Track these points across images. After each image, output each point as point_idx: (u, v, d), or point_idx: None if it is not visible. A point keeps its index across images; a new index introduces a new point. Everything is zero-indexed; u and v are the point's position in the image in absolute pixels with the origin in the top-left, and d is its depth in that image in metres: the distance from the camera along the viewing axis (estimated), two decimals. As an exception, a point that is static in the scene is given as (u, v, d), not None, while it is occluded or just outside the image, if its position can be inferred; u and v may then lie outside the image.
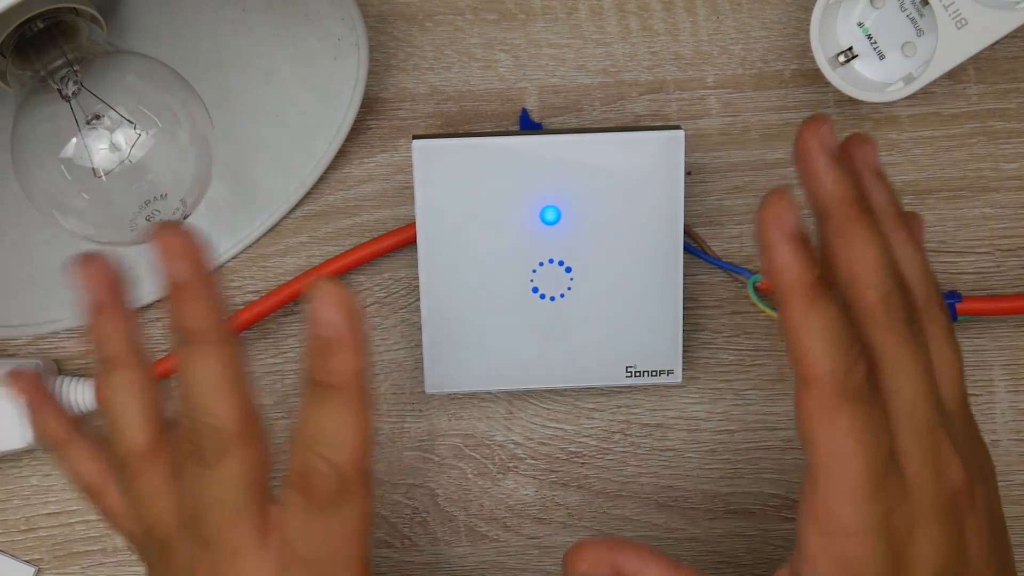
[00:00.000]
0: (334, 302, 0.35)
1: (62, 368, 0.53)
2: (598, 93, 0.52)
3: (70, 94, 0.45)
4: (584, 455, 0.54)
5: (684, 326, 0.50)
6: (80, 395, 0.51)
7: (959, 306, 0.51)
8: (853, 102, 0.51)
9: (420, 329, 0.50)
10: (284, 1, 0.47)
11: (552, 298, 0.49)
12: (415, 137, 0.48)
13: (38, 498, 0.54)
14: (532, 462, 0.54)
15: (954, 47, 0.46)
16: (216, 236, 0.52)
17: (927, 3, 0.47)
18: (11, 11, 0.41)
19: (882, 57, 0.48)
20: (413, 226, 0.49)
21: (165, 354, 0.52)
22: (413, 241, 0.50)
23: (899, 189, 0.52)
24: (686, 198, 0.48)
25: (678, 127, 0.48)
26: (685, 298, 0.50)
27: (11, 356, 0.52)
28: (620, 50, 0.51)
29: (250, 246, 0.52)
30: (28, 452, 0.53)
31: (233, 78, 0.49)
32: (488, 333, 0.50)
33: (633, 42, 0.51)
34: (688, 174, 0.52)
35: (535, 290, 0.49)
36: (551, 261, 0.49)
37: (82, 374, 0.53)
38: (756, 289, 0.51)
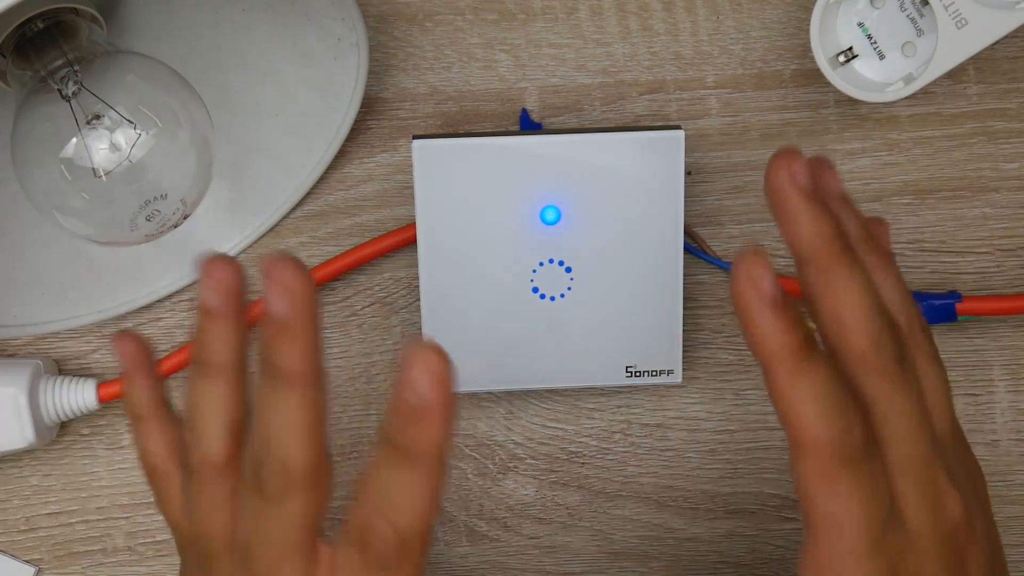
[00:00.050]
0: (430, 370, 0.34)
1: (62, 368, 0.53)
2: (598, 93, 0.52)
3: (70, 94, 0.45)
4: (584, 455, 0.54)
5: (684, 326, 0.50)
6: (80, 395, 0.51)
7: (959, 306, 0.51)
8: (853, 102, 0.51)
9: (420, 329, 0.50)
10: (284, 1, 0.47)
11: (552, 298, 0.49)
12: (415, 137, 0.48)
13: (38, 498, 0.54)
14: (532, 462, 0.54)
15: (954, 47, 0.46)
16: (216, 236, 0.52)
17: (927, 3, 0.47)
18: (11, 11, 0.41)
19: (882, 57, 0.48)
20: (413, 226, 0.49)
21: (164, 354, 0.52)
22: (413, 241, 0.50)
23: (899, 189, 0.52)
24: (686, 198, 0.48)
25: (678, 127, 0.48)
26: (685, 298, 0.50)
27: (11, 356, 0.52)
28: (620, 50, 0.51)
29: (250, 246, 0.52)
30: (28, 452, 0.53)
31: (233, 78, 0.49)
32: (488, 333, 0.50)
33: (633, 42, 0.51)
34: (688, 174, 0.52)
35: (535, 290, 0.49)
36: (551, 261, 0.49)
37: (82, 374, 0.53)
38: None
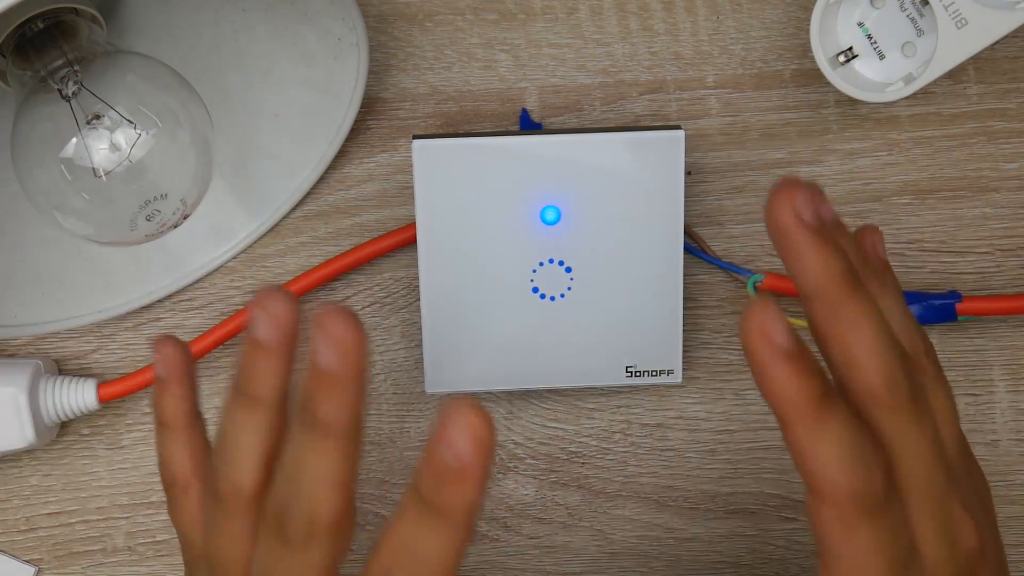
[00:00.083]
0: (472, 431, 0.32)
1: (62, 368, 0.53)
2: (598, 93, 0.52)
3: (70, 94, 0.45)
4: (584, 455, 0.54)
5: (684, 326, 0.50)
6: (80, 395, 0.51)
7: (959, 306, 0.51)
8: (853, 102, 0.51)
9: (420, 329, 0.50)
10: (284, 1, 0.47)
11: (552, 298, 0.49)
12: (415, 137, 0.48)
13: (38, 498, 0.54)
14: (532, 462, 0.54)
15: (954, 47, 0.46)
16: (216, 236, 0.52)
17: (927, 3, 0.47)
18: (11, 11, 0.41)
19: (882, 57, 0.48)
20: (413, 226, 0.49)
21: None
22: (413, 241, 0.50)
23: (899, 189, 0.52)
24: (686, 198, 0.48)
25: (678, 127, 0.48)
26: (685, 298, 0.50)
27: (11, 356, 0.52)
28: (620, 50, 0.51)
29: (250, 246, 0.52)
30: (28, 452, 0.53)
31: (233, 78, 0.49)
32: (488, 333, 0.50)
33: (633, 42, 0.51)
34: (688, 174, 0.52)
35: (535, 290, 0.49)
36: (551, 261, 0.49)
37: (82, 374, 0.53)
38: (756, 289, 0.51)
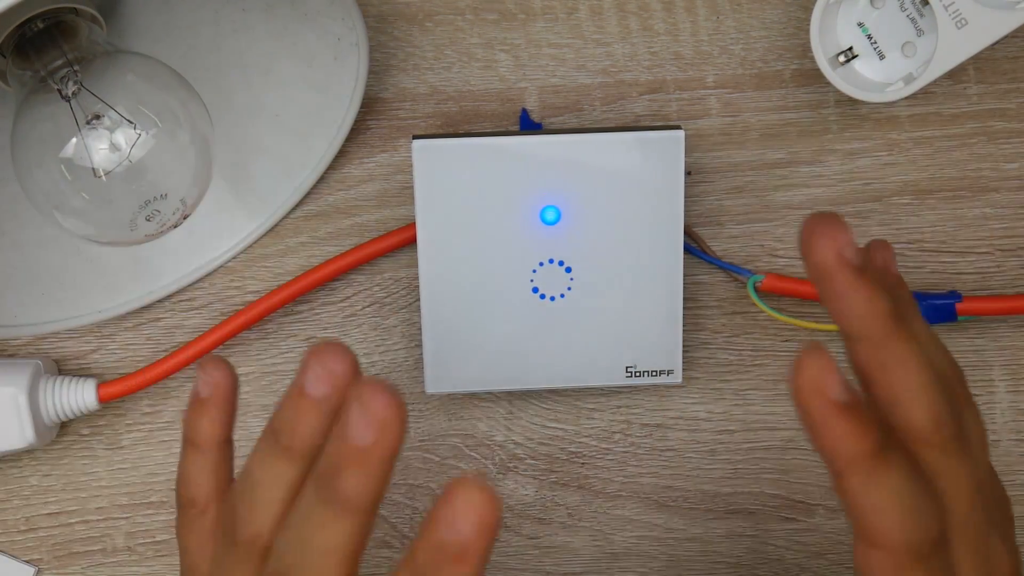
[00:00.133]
0: (477, 512, 0.31)
1: (62, 368, 0.53)
2: (598, 93, 0.52)
3: (70, 94, 0.45)
4: (584, 455, 0.54)
5: (684, 326, 0.50)
6: (80, 395, 0.51)
7: (959, 306, 0.51)
8: (853, 102, 0.51)
9: (420, 329, 0.50)
10: (284, 1, 0.47)
11: (552, 298, 0.49)
12: (415, 137, 0.48)
13: (38, 498, 0.54)
14: (532, 462, 0.54)
15: (954, 47, 0.46)
16: (216, 236, 0.52)
17: (927, 3, 0.47)
18: (11, 11, 0.41)
19: (882, 57, 0.48)
20: (413, 226, 0.49)
21: (164, 354, 0.52)
22: (413, 241, 0.50)
23: (899, 189, 0.52)
24: (686, 198, 0.48)
25: (678, 127, 0.48)
26: (685, 298, 0.50)
27: (11, 356, 0.52)
28: (620, 50, 0.51)
29: (250, 246, 0.52)
30: (28, 452, 0.53)
31: (233, 78, 0.49)
32: (488, 333, 0.50)
33: (633, 42, 0.51)
34: (688, 174, 0.52)
35: (535, 290, 0.49)
36: (551, 261, 0.49)
37: (82, 374, 0.53)
38: (756, 289, 0.51)
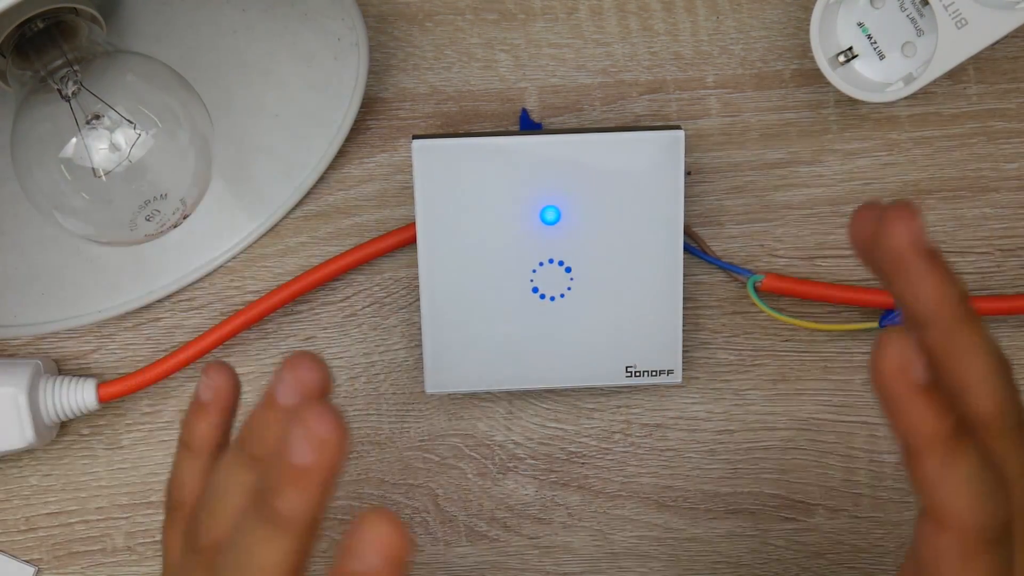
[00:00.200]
0: (383, 544, 0.31)
1: (62, 368, 0.53)
2: (598, 93, 0.52)
3: (70, 94, 0.45)
4: (584, 455, 0.54)
5: (684, 326, 0.50)
6: (80, 395, 0.51)
7: (959, 306, 0.51)
8: (853, 102, 0.51)
9: (420, 329, 0.50)
10: (284, 1, 0.47)
11: (552, 298, 0.49)
12: (415, 137, 0.48)
13: (38, 498, 0.54)
14: (532, 462, 0.54)
15: (954, 47, 0.46)
16: (216, 236, 0.52)
17: (927, 3, 0.47)
18: (11, 11, 0.41)
19: (882, 57, 0.48)
20: (413, 226, 0.49)
21: (163, 354, 0.52)
22: (413, 241, 0.50)
23: (899, 189, 0.52)
24: (686, 198, 0.48)
25: (678, 127, 0.48)
26: (685, 298, 0.50)
27: (11, 356, 0.52)
28: (620, 50, 0.51)
29: (250, 246, 0.52)
30: (28, 452, 0.53)
31: (233, 78, 0.49)
32: (488, 333, 0.50)
33: (633, 42, 0.51)
34: (688, 174, 0.52)
35: (535, 290, 0.49)
36: (551, 261, 0.49)
37: (82, 374, 0.53)
38: (756, 289, 0.51)
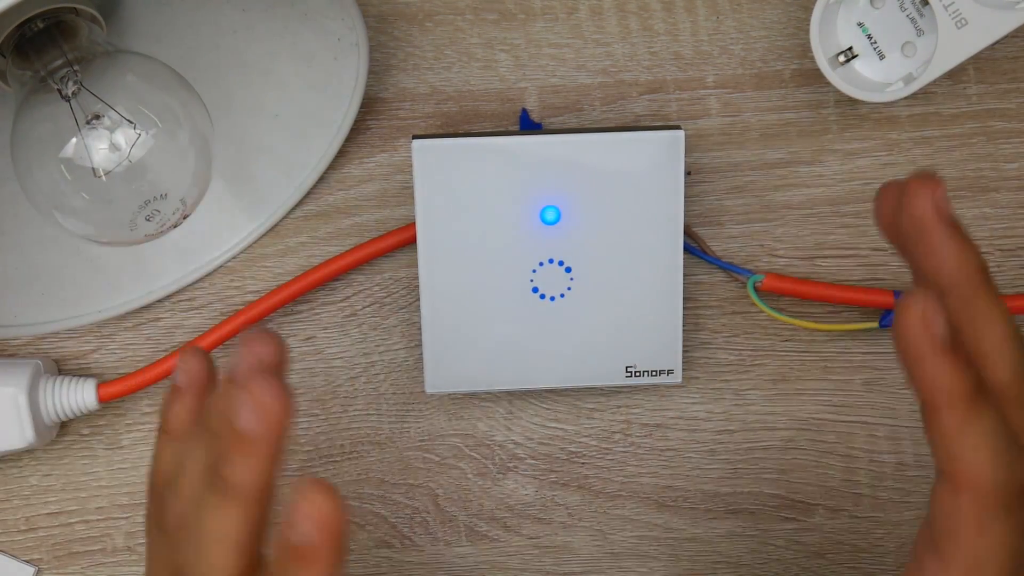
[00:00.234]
0: (317, 515, 0.32)
1: (62, 368, 0.53)
2: (598, 93, 0.52)
3: (70, 94, 0.45)
4: (584, 455, 0.54)
5: (684, 326, 0.50)
6: (80, 395, 0.51)
7: (959, 306, 0.51)
8: (853, 102, 0.51)
9: (420, 329, 0.50)
10: (284, 1, 0.47)
11: (552, 298, 0.49)
12: (415, 137, 0.48)
13: (38, 498, 0.54)
14: (532, 462, 0.54)
15: (954, 47, 0.46)
16: (216, 236, 0.52)
17: (927, 3, 0.47)
18: (11, 11, 0.41)
19: (882, 57, 0.48)
20: (413, 226, 0.49)
21: (163, 354, 0.52)
22: (413, 241, 0.50)
23: (899, 189, 0.52)
24: (686, 198, 0.48)
25: (678, 127, 0.48)
26: (685, 298, 0.50)
27: (11, 356, 0.52)
28: (620, 50, 0.51)
29: (250, 246, 0.52)
30: (28, 452, 0.53)
31: (233, 78, 0.49)
32: (488, 333, 0.50)
33: (633, 42, 0.51)
34: (688, 174, 0.52)
35: (535, 290, 0.49)
36: (551, 261, 0.49)
37: (82, 374, 0.53)
38: (756, 289, 0.51)
